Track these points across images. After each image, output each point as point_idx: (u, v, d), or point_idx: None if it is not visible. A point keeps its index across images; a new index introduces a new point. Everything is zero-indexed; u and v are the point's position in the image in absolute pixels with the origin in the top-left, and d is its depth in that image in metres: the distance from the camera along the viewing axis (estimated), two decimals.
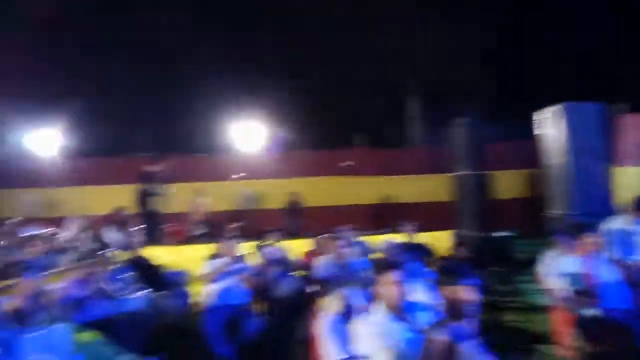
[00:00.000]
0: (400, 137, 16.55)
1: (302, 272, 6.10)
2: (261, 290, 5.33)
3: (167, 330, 5.41)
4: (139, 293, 5.58)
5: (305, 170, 12.57)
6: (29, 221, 10.01)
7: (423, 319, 3.09)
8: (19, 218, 9.93)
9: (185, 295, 6.18)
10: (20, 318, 3.94)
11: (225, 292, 4.95)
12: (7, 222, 9.33)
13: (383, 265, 3.15)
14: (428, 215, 9.15)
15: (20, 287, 4.18)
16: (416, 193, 12.14)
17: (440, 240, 7.38)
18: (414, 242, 6.60)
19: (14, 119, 12.83)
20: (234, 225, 9.38)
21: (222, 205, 11.09)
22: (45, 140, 12.45)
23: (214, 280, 4.97)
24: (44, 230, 8.61)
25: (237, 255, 5.34)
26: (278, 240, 6.75)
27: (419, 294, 3.44)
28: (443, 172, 9.65)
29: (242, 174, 12.14)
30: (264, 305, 5.40)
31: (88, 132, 13.58)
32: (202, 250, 7.38)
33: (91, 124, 13.80)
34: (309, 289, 5.45)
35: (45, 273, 4.93)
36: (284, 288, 5.37)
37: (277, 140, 12.87)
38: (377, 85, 16.73)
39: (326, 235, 6.20)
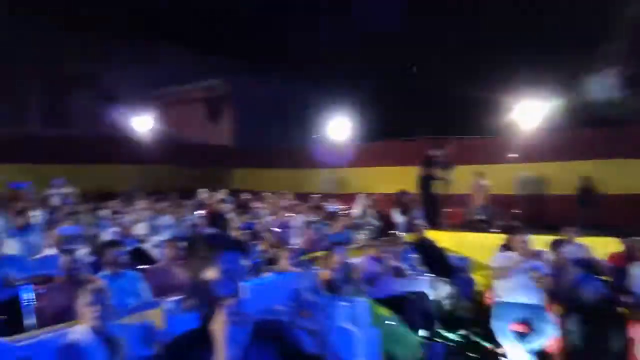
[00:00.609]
0: None
1: (607, 278, 5.20)
2: (558, 293, 4.75)
3: (452, 317, 5.43)
4: (425, 275, 5.77)
5: (598, 150, 10.64)
6: (325, 197, 11.69)
7: None
8: (319, 194, 11.72)
9: (469, 283, 6.08)
10: (331, 288, 4.52)
11: (517, 290, 4.59)
12: (311, 196, 11.09)
13: None
14: None
15: (332, 259, 4.80)
16: None
17: None
18: None
19: (317, 108, 15.00)
20: (516, 212, 8.74)
21: (503, 189, 10.45)
22: (339, 127, 14.22)
23: (504, 276, 4.67)
24: (341, 207, 9.86)
25: (530, 250, 4.87)
26: (576, 236, 5.89)
27: None
28: None
29: (515, 155, 11.15)
30: (560, 310, 4.82)
31: (375, 117, 14.83)
32: (484, 238, 7.14)
33: (377, 110, 15.03)
34: (621, 300, 4.59)
35: (348, 248, 5.52)
36: (587, 294, 4.65)
37: None
38: None
39: None
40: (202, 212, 8.80)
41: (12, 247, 5.18)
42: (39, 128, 16.19)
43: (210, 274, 1.49)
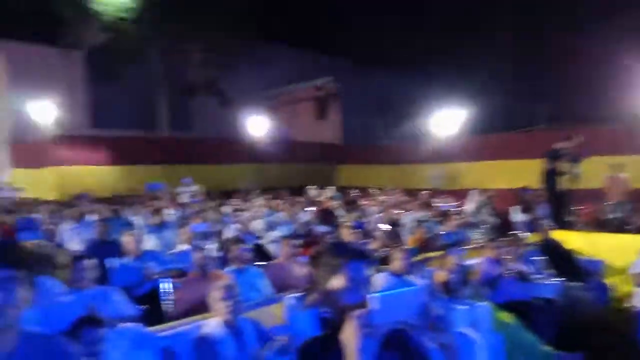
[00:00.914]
0: None
1: None
2: None
3: (584, 326, 4.94)
4: (551, 279, 5.32)
5: None
6: (435, 193, 11.34)
7: None
8: (428, 190, 11.39)
9: (603, 289, 5.48)
10: (448, 290, 4.36)
11: None
12: (420, 193, 10.83)
13: None
14: None
15: (447, 260, 4.63)
16: None
17: None
18: None
19: (426, 102, 14.58)
20: None
21: None
22: (448, 119, 13.67)
23: None
24: (453, 204, 9.48)
25: None
26: None
27: None
28: None
29: None
30: None
31: (490, 108, 13.98)
32: (621, 239, 6.39)
33: (492, 100, 14.16)
34: None
35: (463, 248, 5.29)
36: None
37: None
38: None
39: None
40: (313, 209, 9.05)
41: (150, 243, 5.80)
42: (168, 132, 17.88)
43: (337, 282, 1.50)
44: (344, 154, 18.05)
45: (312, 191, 11.59)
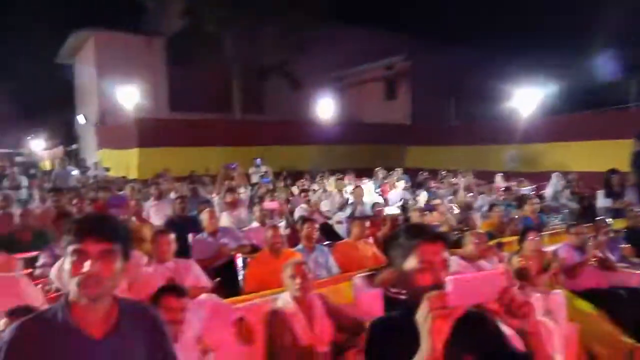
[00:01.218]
0: None
1: None
2: None
3: None
4: (637, 268, 4.95)
5: None
6: (511, 176, 10.81)
7: None
8: (503, 173, 10.89)
9: None
10: (524, 277, 4.17)
11: None
12: (496, 175, 10.38)
13: None
14: None
15: (523, 246, 4.44)
16: None
17: None
18: None
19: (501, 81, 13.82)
20: None
21: None
22: (527, 98, 12.89)
23: None
24: (531, 187, 9.02)
25: None
26: None
27: None
28: None
29: None
30: None
31: (573, 85, 13.05)
32: None
33: (575, 77, 13.19)
34: None
35: (541, 234, 5.03)
36: None
37: None
38: None
39: None
40: (380, 191, 9.01)
41: (224, 220, 6.06)
42: (241, 115, 18.41)
43: (412, 264, 1.50)
44: (413, 134, 17.66)
45: (378, 173, 11.49)
